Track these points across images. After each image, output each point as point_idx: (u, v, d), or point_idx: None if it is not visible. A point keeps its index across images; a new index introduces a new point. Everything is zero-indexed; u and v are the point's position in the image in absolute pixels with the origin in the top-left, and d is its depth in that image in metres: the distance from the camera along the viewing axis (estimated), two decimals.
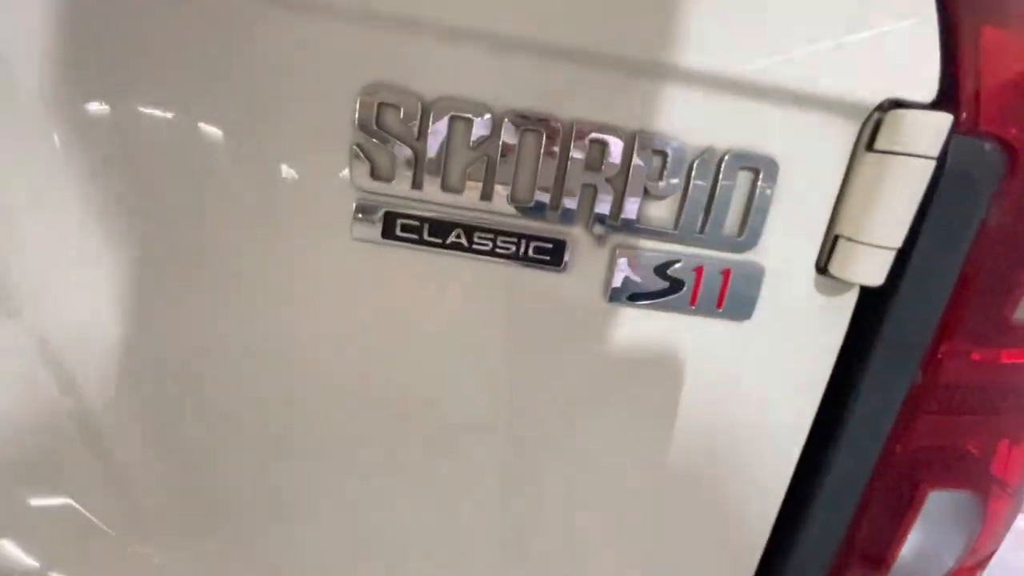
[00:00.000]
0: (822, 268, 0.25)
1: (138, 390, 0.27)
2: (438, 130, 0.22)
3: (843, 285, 0.25)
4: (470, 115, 0.22)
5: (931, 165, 0.22)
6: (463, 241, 0.23)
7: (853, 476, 0.28)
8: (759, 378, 0.27)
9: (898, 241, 0.23)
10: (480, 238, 0.24)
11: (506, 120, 0.22)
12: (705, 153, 0.23)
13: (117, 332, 0.26)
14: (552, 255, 0.24)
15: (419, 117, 0.22)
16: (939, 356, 0.26)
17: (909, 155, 0.22)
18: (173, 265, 0.25)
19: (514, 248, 0.24)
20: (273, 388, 0.27)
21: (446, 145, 0.22)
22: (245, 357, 0.26)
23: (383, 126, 0.22)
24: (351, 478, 0.29)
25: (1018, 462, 0.30)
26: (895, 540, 0.30)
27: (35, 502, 0.30)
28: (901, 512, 0.29)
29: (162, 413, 0.28)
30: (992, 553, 0.34)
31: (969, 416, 0.28)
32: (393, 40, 0.22)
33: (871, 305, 0.26)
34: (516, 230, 0.24)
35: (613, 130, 0.22)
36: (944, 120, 0.22)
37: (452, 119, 0.22)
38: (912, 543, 0.30)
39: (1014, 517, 0.33)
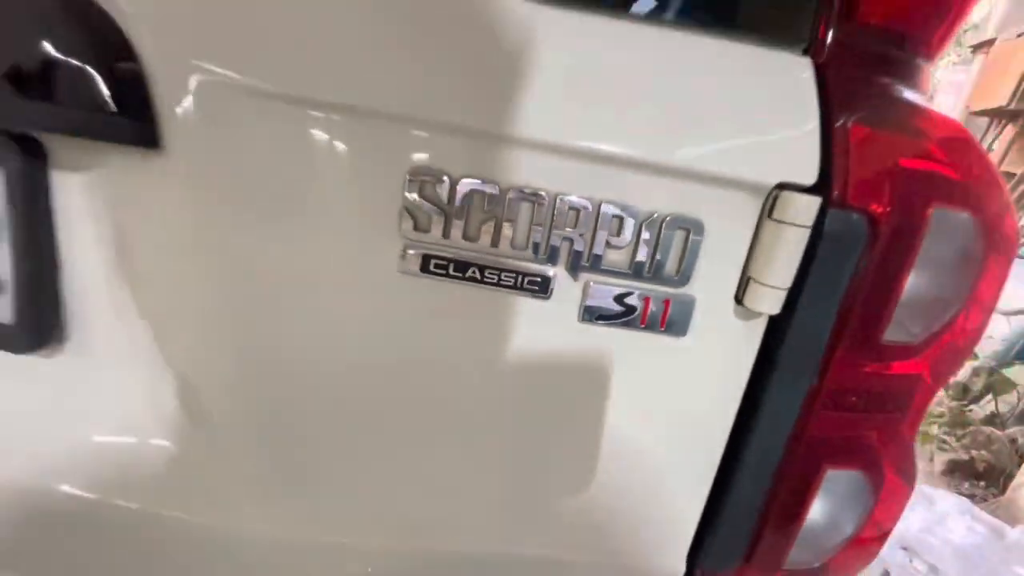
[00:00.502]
0: (739, 300, 0.34)
1: (252, 385, 0.36)
2: (462, 197, 0.32)
3: (754, 313, 0.34)
4: (484, 188, 0.31)
5: (807, 232, 0.31)
6: (477, 275, 0.33)
7: (767, 458, 0.37)
8: (693, 380, 0.36)
9: (788, 283, 0.32)
10: (489, 273, 0.33)
11: (509, 192, 0.32)
12: (651, 216, 0.32)
13: (241, 347, 0.35)
14: (541, 286, 0.33)
15: (448, 188, 0.32)
16: (829, 367, 0.35)
17: (792, 224, 0.31)
18: (278, 295, 0.34)
19: (514, 281, 0.33)
20: (343, 377, 0.36)
21: (467, 208, 0.32)
22: (324, 355, 0.36)
23: (423, 194, 0.32)
24: (380, 444, 0.38)
25: (899, 448, 0.39)
26: (802, 509, 0.38)
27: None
28: (806, 486, 0.38)
29: (267, 398, 0.37)
30: (889, 530, 0.42)
31: (857, 412, 0.37)
32: (431, 137, 0.31)
33: (776, 328, 0.35)
34: (516, 268, 0.33)
35: (586, 200, 0.32)
36: (815, 202, 0.31)
37: (471, 190, 0.32)
38: (816, 512, 0.39)
39: (904, 495, 0.41)
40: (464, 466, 0.39)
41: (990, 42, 3.90)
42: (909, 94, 0.34)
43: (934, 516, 2.13)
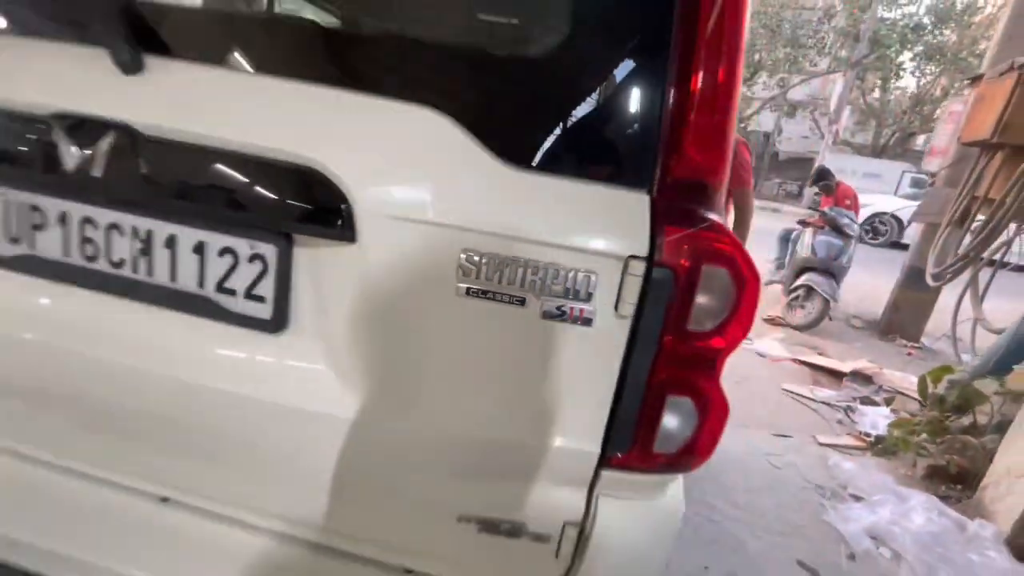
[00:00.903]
0: (616, 308, 0.70)
1: (381, 354, 0.75)
2: (485, 260, 0.69)
3: (623, 316, 0.70)
4: (496, 256, 0.69)
5: (641, 279, 0.67)
6: (492, 297, 0.70)
7: (637, 389, 0.73)
8: (598, 349, 0.72)
9: (635, 302, 0.68)
10: (498, 295, 0.70)
11: (507, 259, 0.69)
12: (573, 269, 0.69)
13: (380, 335, 0.74)
14: (520, 302, 0.70)
15: (478, 256, 0.69)
16: (663, 343, 0.71)
17: (633, 275, 0.67)
18: (400, 305, 0.73)
19: (508, 299, 0.70)
20: (432, 345, 0.74)
21: (489, 265, 0.69)
22: (423, 331, 0.74)
23: (468, 259, 0.69)
24: (445, 381, 0.76)
25: (713, 386, 0.74)
26: (658, 418, 0.74)
27: None
28: (659, 405, 0.73)
29: (389, 361, 0.76)
30: (718, 436, 0.77)
31: (683, 367, 0.73)
32: (474, 236, 0.69)
33: (635, 324, 0.71)
34: (509, 293, 0.70)
35: (542, 261, 0.69)
36: (642, 264, 0.67)
37: (491, 257, 0.69)
38: (667, 421, 0.74)
39: (722, 414, 0.76)
40: (480, 394, 0.76)
41: (981, 77, 4.12)
42: (702, 208, 0.71)
43: (902, 511, 2.35)
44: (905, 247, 9.57)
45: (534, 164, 0.71)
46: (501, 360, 0.74)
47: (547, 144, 0.72)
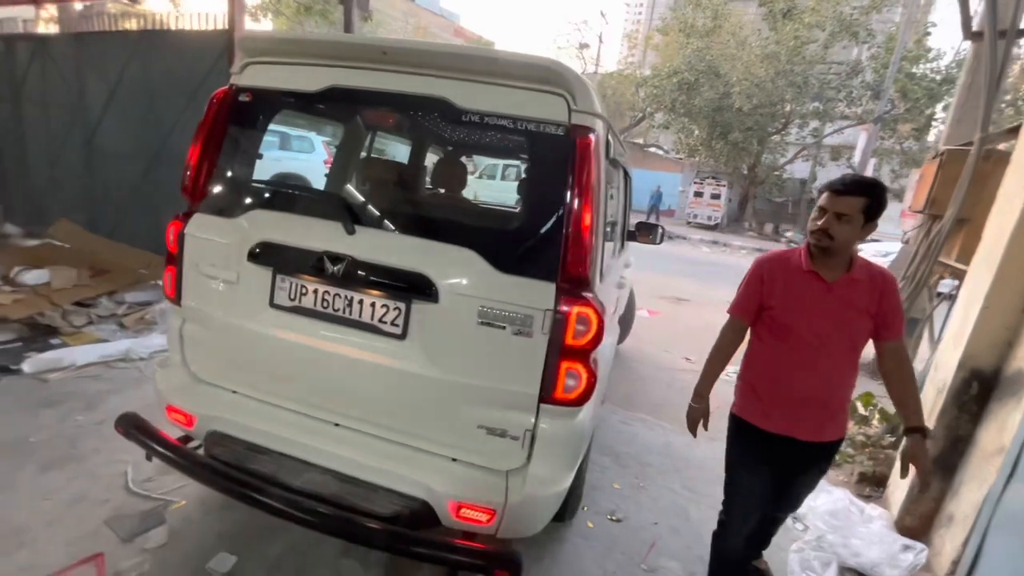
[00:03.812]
0: (542, 330, 1.68)
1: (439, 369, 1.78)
2: (490, 310, 1.70)
3: (545, 334, 1.68)
4: (492, 310, 1.70)
5: (552, 317, 1.66)
6: (491, 325, 1.71)
7: (552, 366, 1.69)
8: (535, 348, 1.68)
9: (550, 326, 1.67)
10: (493, 324, 1.71)
11: (497, 311, 1.70)
12: (524, 314, 1.68)
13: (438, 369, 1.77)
14: (503, 328, 1.70)
15: (488, 309, 1.70)
16: (563, 344, 1.68)
17: (548, 316, 1.66)
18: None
19: (498, 326, 1.70)
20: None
21: (491, 313, 1.70)
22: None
23: (481, 310, 1.71)
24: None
25: (583, 365, 1.70)
26: (562, 379, 1.70)
27: None
28: (562, 373, 1.70)
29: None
30: (590, 392, 1.72)
31: (571, 356, 1.69)
32: (483, 300, 1.71)
33: (551, 336, 1.68)
34: (498, 323, 1.70)
35: (511, 312, 1.69)
36: (552, 312, 1.66)
37: (492, 309, 1.70)
38: (567, 379, 1.70)
39: (594, 379, 1.70)
40: (486, 366, 1.75)
41: (939, 153, 4.96)
42: (578, 289, 1.69)
43: (821, 500, 3.11)
44: None
45: (509, 271, 1.72)
46: (494, 352, 1.72)
47: (514, 262, 1.73)
